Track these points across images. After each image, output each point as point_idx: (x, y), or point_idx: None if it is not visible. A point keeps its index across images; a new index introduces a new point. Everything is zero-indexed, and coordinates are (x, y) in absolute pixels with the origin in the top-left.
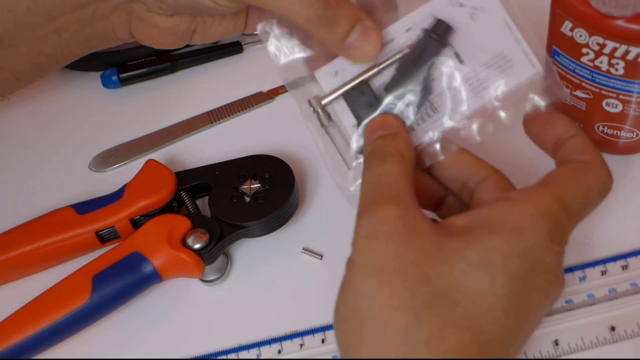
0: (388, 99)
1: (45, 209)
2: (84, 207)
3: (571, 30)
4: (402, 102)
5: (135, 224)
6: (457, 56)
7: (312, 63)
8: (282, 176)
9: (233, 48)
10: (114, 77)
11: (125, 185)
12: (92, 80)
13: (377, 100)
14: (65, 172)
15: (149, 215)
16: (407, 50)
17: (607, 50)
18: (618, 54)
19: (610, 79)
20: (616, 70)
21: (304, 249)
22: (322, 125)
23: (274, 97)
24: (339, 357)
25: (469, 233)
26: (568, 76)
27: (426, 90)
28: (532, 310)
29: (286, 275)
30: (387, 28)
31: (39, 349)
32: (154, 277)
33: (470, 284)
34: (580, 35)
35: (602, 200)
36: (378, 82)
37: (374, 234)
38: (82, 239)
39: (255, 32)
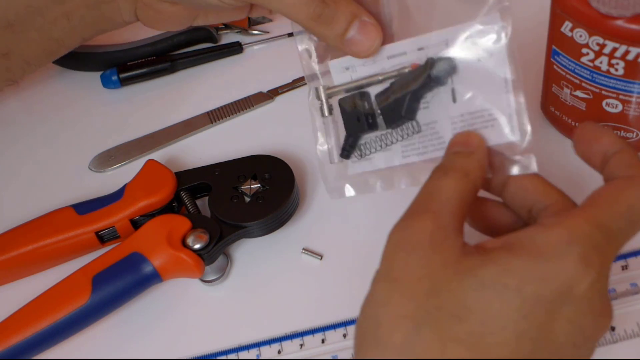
0: (379, 120)
1: (45, 209)
2: (84, 207)
3: (571, 30)
4: (390, 121)
5: (135, 224)
6: (453, 93)
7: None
8: (282, 176)
9: (233, 48)
10: (114, 77)
11: (125, 185)
12: (92, 80)
13: (371, 115)
14: (65, 172)
15: (149, 216)
16: (409, 69)
17: (607, 50)
18: (618, 54)
19: (610, 79)
20: (616, 70)
21: (304, 249)
22: (322, 114)
23: (274, 97)
24: (338, 358)
25: (491, 253)
26: (568, 76)
27: (413, 113)
28: (555, 340)
29: (286, 275)
30: (400, 41)
31: (39, 349)
32: (154, 277)
33: (480, 303)
34: (580, 36)
35: None
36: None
37: (400, 244)
38: (82, 239)
39: (255, 32)
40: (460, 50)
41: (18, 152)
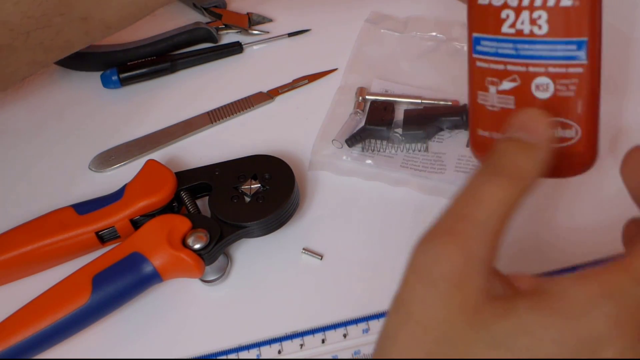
0: (397, 125)
1: (45, 209)
2: (84, 207)
3: None
4: (405, 133)
5: (135, 224)
6: (469, 140)
7: None
8: (282, 176)
9: (233, 48)
10: (114, 77)
11: (125, 185)
12: (92, 80)
13: (392, 120)
14: (65, 172)
15: (149, 216)
16: (449, 104)
17: (526, 1)
18: (538, 2)
19: (535, 43)
20: (539, 28)
21: (304, 249)
22: (354, 108)
23: (274, 97)
24: (339, 358)
25: (514, 302)
26: (492, 65)
27: (426, 137)
28: None
29: (286, 275)
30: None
31: (39, 349)
32: (154, 277)
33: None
34: None
35: None
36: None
37: (421, 273)
38: (82, 239)
39: (255, 32)
40: None
41: (18, 152)
